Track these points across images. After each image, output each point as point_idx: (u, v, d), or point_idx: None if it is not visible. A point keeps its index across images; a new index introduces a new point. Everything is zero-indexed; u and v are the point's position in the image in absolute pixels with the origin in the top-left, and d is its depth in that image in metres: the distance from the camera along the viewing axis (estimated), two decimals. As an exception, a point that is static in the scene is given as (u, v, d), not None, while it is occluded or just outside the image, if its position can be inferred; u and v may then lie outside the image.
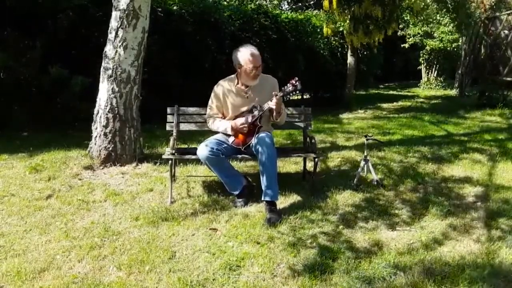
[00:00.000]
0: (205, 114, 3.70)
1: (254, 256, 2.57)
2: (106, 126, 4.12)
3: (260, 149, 3.21)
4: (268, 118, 3.50)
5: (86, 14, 6.12)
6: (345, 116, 8.46)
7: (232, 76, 3.55)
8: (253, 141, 3.32)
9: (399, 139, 5.93)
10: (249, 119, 3.38)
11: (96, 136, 4.20)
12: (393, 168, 4.40)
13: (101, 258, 2.55)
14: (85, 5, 6.08)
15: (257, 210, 3.27)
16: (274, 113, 3.39)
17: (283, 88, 3.39)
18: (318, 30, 10.03)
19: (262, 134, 3.30)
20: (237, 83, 3.49)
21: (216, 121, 3.51)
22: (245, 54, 3.34)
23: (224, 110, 3.53)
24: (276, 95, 3.30)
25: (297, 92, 3.37)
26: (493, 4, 11.22)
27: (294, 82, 3.34)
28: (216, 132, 3.57)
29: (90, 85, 5.28)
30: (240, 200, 3.38)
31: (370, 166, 3.91)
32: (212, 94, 3.54)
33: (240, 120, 3.40)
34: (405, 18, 13.42)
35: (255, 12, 8.80)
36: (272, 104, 3.30)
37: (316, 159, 3.65)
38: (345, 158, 4.76)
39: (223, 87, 3.51)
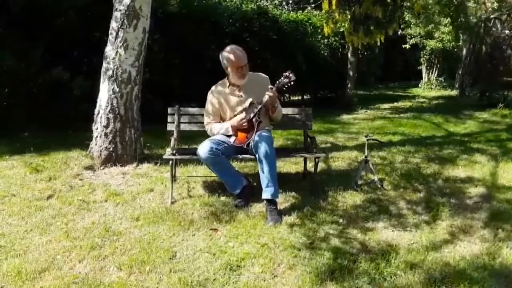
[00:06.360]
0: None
1: (254, 256, 2.57)
2: (106, 127, 4.12)
3: (258, 148, 3.22)
4: (265, 114, 3.52)
5: (87, 14, 6.12)
6: (345, 116, 8.46)
7: (221, 81, 3.61)
8: (252, 140, 3.32)
9: (399, 139, 5.93)
10: (251, 115, 3.39)
11: (96, 136, 4.20)
12: (393, 168, 4.39)
13: (102, 258, 2.55)
14: (87, 5, 6.08)
15: (258, 210, 3.27)
16: (270, 107, 3.42)
17: (278, 81, 3.42)
18: (319, 31, 10.02)
19: (261, 134, 3.30)
20: (229, 85, 3.52)
21: (216, 125, 3.53)
22: (228, 55, 3.38)
23: (222, 114, 3.56)
24: (272, 88, 3.34)
25: (291, 83, 3.39)
26: (494, 4, 11.22)
27: (287, 74, 3.39)
28: (217, 134, 3.57)
29: (91, 85, 5.27)
30: (240, 200, 3.38)
31: (371, 166, 3.91)
32: (208, 102, 3.58)
33: (239, 117, 3.41)
34: (406, 19, 13.42)
35: (256, 12, 8.80)
36: (269, 93, 3.31)
37: (316, 159, 3.65)
38: (345, 158, 4.76)
39: (216, 92, 3.56)
